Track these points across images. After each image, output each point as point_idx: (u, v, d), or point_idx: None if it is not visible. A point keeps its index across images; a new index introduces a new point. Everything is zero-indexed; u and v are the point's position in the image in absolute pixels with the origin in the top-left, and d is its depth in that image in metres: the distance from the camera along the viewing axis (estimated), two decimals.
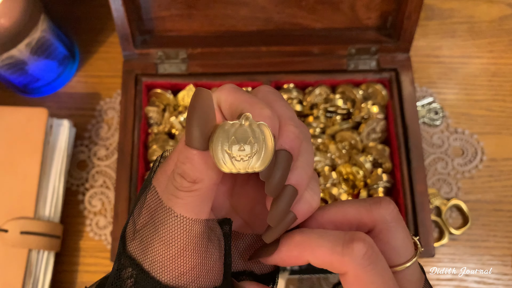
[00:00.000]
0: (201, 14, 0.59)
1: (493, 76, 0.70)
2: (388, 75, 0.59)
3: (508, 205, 0.64)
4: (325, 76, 0.60)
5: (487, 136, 0.67)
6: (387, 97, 0.58)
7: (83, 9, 0.73)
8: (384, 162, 0.56)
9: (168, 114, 0.60)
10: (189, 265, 0.24)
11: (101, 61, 0.70)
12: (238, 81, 0.59)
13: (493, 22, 0.72)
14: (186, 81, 0.60)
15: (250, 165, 0.23)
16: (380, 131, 0.57)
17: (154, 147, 0.57)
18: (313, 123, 0.59)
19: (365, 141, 0.57)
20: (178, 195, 0.24)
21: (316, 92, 0.58)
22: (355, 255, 0.24)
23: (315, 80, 0.59)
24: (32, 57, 0.61)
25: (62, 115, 0.66)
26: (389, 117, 0.57)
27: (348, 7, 0.58)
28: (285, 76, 0.59)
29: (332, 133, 0.58)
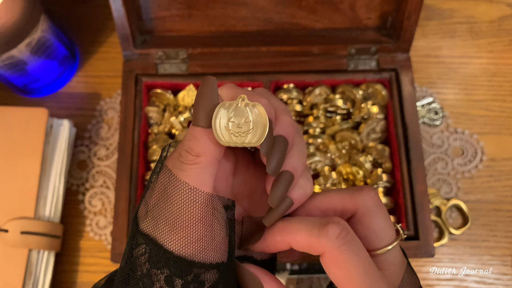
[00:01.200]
0: (201, 14, 0.59)
1: (493, 76, 0.70)
2: (388, 75, 0.59)
3: (508, 205, 0.64)
4: (325, 76, 0.59)
5: (487, 136, 0.67)
6: (387, 97, 0.57)
7: (84, 9, 0.73)
8: (384, 162, 0.56)
9: (168, 114, 0.60)
10: (196, 235, 0.26)
11: (101, 61, 0.70)
12: (238, 81, 0.59)
13: (493, 22, 0.73)
14: (186, 81, 0.60)
15: (247, 140, 0.26)
16: (380, 131, 0.57)
17: (154, 147, 0.57)
18: (313, 123, 0.59)
19: (365, 141, 0.57)
20: (183, 168, 0.27)
21: (316, 92, 0.58)
22: (330, 236, 0.26)
23: (315, 80, 0.59)
24: (32, 57, 0.61)
25: (62, 115, 0.66)
26: (389, 117, 0.57)
27: (348, 7, 0.58)
28: (285, 76, 0.59)
29: (332, 133, 0.58)
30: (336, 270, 0.27)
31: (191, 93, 0.60)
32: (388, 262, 0.29)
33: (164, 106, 0.61)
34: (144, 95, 0.60)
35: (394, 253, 0.29)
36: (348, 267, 0.26)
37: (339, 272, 0.27)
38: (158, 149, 0.57)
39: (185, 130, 0.59)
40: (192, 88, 0.60)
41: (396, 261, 0.29)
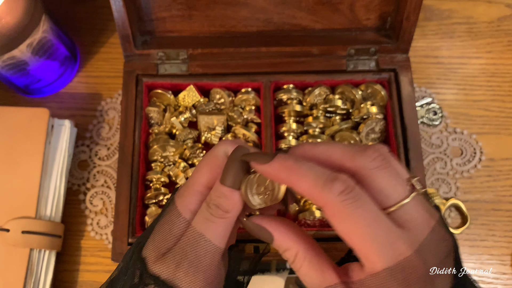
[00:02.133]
0: (202, 15, 0.60)
1: (492, 76, 0.70)
2: (387, 76, 0.59)
3: (506, 205, 0.64)
4: (324, 76, 0.60)
5: (486, 136, 0.67)
6: (386, 97, 0.57)
7: (84, 10, 0.73)
8: None
9: (168, 114, 0.59)
10: (210, 279, 0.31)
11: (102, 62, 0.71)
12: (238, 81, 0.59)
13: (492, 23, 0.73)
14: (186, 82, 0.60)
15: (269, 201, 0.31)
16: (379, 131, 0.57)
17: (155, 147, 0.57)
18: (313, 123, 0.59)
19: (364, 141, 0.57)
20: (213, 220, 0.31)
21: (316, 92, 0.58)
22: (333, 191, 0.26)
23: (314, 80, 0.59)
24: (33, 57, 0.61)
25: (63, 115, 0.67)
26: (388, 117, 0.57)
27: (347, 8, 0.58)
28: (285, 76, 0.59)
29: (331, 133, 0.58)
30: (337, 224, 0.27)
31: (191, 93, 0.60)
32: (404, 219, 0.27)
33: (165, 106, 0.61)
34: (145, 96, 0.60)
35: (410, 209, 0.27)
36: (349, 221, 0.26)
37: (341, 226, 0.27)
38: (159, 149, 0.57)
39: (185, 130, 0.59)
40: (192, 89, 0.60)
41: (414, 217, 0.27)
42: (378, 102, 0.58)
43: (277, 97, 0.59)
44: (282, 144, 0.57)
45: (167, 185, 0.58)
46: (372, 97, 0.59)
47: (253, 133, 0.57)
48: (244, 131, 0.57)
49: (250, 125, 0.59)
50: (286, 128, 0.58)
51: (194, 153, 0.58)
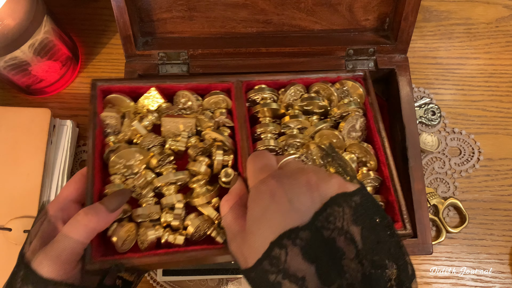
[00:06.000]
0: (202, 16, 0.60)
1: (490, 77, 0.71)
2: (362, 73, 0.55)
3: (504, 204, 0.65)
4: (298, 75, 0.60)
5: (484, 136, 0.68)
6: (364, 94, 0.55)
7: (86, 11, 0.74)
8: (369, 160, 0.53)
9: (128, 121, 0.52)
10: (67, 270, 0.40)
11: (104, 62, 0.71)
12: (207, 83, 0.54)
13: (490, 24, 0.73)
14: (148, 84, 0.53)
15: None
16: (360, 129, 0.54)
17: (114, 158, 0.49)
18: (290, 123, 0.54)
19: (347, 140, 0.54)
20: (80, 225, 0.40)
21: (291, 91, 0.55)
22: None
23: (288, 79, 0.55)
24: (35, 58, 0.61)
25: (65, 116, 0.67)
26: (368, 113, 0.55)
27: (346, 9, 0.59)
28: (256, 76, 0.55)
29: (312, 134, 0.55)
30: None
31: (154, 97, 0.53)
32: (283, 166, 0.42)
33: (123, 112, 0.53)
34: (99, 102, 0.52)
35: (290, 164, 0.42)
36: None
37: None
38: (117, 159, 0.49)
39: (149, 135, 0.51)
40: (154, 91, 0.53)
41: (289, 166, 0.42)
42: (356, 99, 0.55)
43: (249, 98, 0.55)
44: (261, 146, 0.52)
45: (129, 201, 0.47)
46: (348, 95, 0.56)
47: (226, 137, 0.52)
48: (216, 135, 0.52)
49: (223, 129, 0.53)
50: (263, 128, 0.53)
51: (163, 161, 0.50)
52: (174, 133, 0.53)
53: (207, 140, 0.52)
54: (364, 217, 0.35)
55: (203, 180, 0.49)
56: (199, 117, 0.53)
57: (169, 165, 0.50)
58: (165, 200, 0.47)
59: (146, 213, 0.46)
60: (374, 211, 0.35)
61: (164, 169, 0.50)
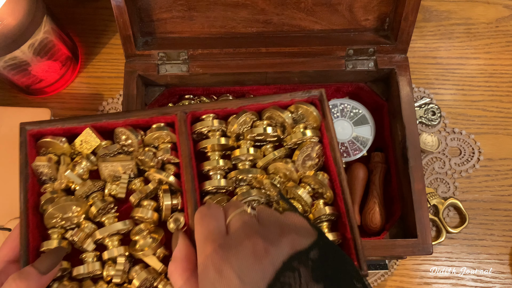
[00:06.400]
0: (202, 16, 0.60)
1: (490, 77, 0.71)
2: (318, 93, 0.51)
3: (504, 204, 0.65)
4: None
5: (484, 136, 0.68)
6: (320, 117, 0.50)
7: (86, 11, 0.74)
8: (325, 191, 0.49)
9: (64, 167, 0.47)
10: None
11: (103, 62, 0.71)
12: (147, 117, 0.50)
13: (490, 24, 0.73)
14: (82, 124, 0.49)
15: None
16: (316, 157, 0.50)
17: (51, 210, 0.45)
18: (241, 157, 0.50)
19: (301, 170, 0.50)
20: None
21: (240, 120, 0.50)
22: None
23: (237, 106, 0.51)
24: (35, 58, 0.61)
25: (65, 116, 0.67)
26: (324, 139, 0.50)
27: (346, 8, 0.59)
28: (203, 105, 0.50)
29: (264, 165, 0.51)
30: None
31: (89, 137, 0.49)
32: None
33: (58, 157, 0.49)
34: (30, 147, 0.48)
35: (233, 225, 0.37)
36: None
37: None
38: (54, 211, 0.45)
39: (86, 183, 0.48)
40: (89, 132, 0.49)
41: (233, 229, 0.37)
42: (311, 124, 0.51)
43: (195, 130, 0.50)
44: (208, 186, 0.49)
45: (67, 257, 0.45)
46: (304, 119, 0.51)
47: (171, 177, 0.48)
48: (160, 176, 0.48)
49: (168, 167, 0.50)
50: (211, 166, 0.50)
51: (103, 210, 0.47)
52: (115, 176, 0.49)
53: (153, 182, 0.49)
54: (325, 272, 0.31)
55: (146, 231, 0.45)
56: (140, 157, 0.49)
57: (111, 213, 0.47)
58: (107, 254, 0.45)
59: (86, 272, 0.44)
60: (337, 263, 0.32)
61: (105, 218, 0.47)
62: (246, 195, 0.48)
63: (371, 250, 0.53)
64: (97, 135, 0.49)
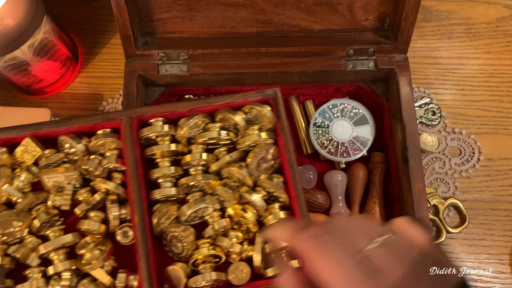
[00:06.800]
0: (202, 16, 0.60)
1: (490, 77, 0.71)
2: (272, 92, 0.50)
3: (505, 204, 0.65)
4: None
5: (484, 136, 0.68)
6: (274, 118, 0.48)
7: (86, 11, 0.74)
8: (280, 194, 0.48)
9: (2, 180, 0.46)
10: None
11: (103, 62, 0.71)
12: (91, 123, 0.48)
13: (490, 24, 0.73)
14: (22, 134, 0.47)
15: None
16: (272, 159, 0.49)
17: None
18: (193, 162, 0.48)
19: (255, 174, 0.48)
20: None
21: (191, 123, 0.47)
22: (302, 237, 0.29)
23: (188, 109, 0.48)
24: (35, 58, 0.61)
25: (65, 116, 0.67)
26: (279, 141, 0.48)
27: (346, 8, 0.59)
28: (150, 109, 0.48)
29: (217, 169, 0.49)
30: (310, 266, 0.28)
31: (30, 147, 0.47)
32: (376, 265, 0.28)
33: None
34: None
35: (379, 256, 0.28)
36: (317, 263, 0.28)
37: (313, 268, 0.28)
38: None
39: (27, 196, 0.46)
40: (29, 142, 0.47)
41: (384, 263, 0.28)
42: (266, 125, 0.49)
43: (143, 136, 0.48)
44: (158, 195, 0.47)
45: (12, 273, 0.44)
46: (258, 120, 0.49)
47: (117, 186, 0.46)
48: (106, 186, 0.46)
49: (115, 176, 0.48)
50: (160, 173, 0.47)
51: (48, 222, 0.45)
52: (59, 187, 0.47)
53: (99, 192, 0.47)
54: None
55: (92, 243, 0.44)
56: (83, 166, 0.47)
57: (56, 226, 0.45)
58: (53, 269, 0.43)
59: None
60: None
61: (51, 231, 0.45)
62: (199, 202, 0.47)
63: None
64: (39, 144, 0.47)
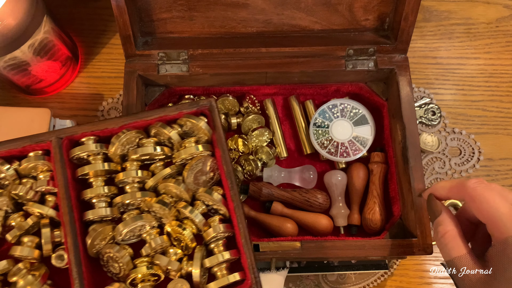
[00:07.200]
0: (202, 16, 0.60)
1: (490, 77, 0.71)
2: (207, 103, 0.49)
3: None
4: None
5: (484, 136, 0.68)
6: (209, 129, 0.48)
7: (86, 11, 0.74)
8: (220, 207, 0.48)
9: None
10: None
11: (104, 62, 0.71)
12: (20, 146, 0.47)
13: (490, 24, 0.73)
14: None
15: None
16: (211, 171, 0.48)
17: None
18: (127, 179, 0.47)
19: (193, 188, 0.48)
20: None
21: (123, 140, 0.46)
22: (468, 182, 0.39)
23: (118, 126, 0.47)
24: (35, 58, 0.61)
25: (65, 116, 0.67)
26: (217, 153, 0.48)
27: (346, 8, 0.59)
28: (80, 128, 0.47)
29: (153, 185, 0.48)
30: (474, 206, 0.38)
31: None
32: None
33: None
34: None
35: None
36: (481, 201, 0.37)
37: (477, 206, 0.38)
38: None
39: None
40: None
41: None
42: (202, 137, 0.49)
43: (74, 156, 0.47)
44: (91, 216, 0.46)
45: None
46: (194, 132, 0.49)
47: (49, 209, 0.45)
48: (38, 209, 0.45)
49: (48, 198, 0.47)
50: (94, 193, 0.46)
51: None
52: None
53: (32, 216, 0.46)
54: None
55: (25, 270, 0.43)
56: (13, 191, 0.46)
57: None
58: None
59: None
60: None
61: None
62: (135, 220, 0.46)
63: (371, 250, 0.53)
64: None
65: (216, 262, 0.46)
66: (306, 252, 0.52)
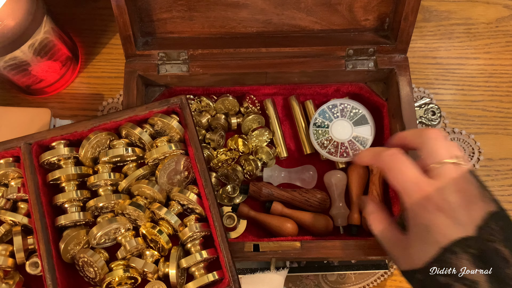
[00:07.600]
0: (202, 16, 0.60)
1: (490, 77, 0.71)
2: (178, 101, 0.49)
3: (505, 204, 0.64)
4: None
5: (484, 136, 0.68)
6: (181, 128, 0.47)
7: (86, 11, 0.74)
8: (195, 206, 0.47)
9: None
10: None
11: (104, 62, 0.71)
12: None
13: (490, 24, 0.73)
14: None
15: None
16: (185, 169, 0.48)
17: None
18: (99, 182, 0.47)
19: (167, 188, 0.47)
20: None
21: (92, 142, 0.46)
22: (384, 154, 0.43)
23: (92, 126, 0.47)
24: (35, 58, 0.61)
25: (65, 116, 0.67)
26: (189, 151, 0.48)
27: (346, 9, 0.59)
28: (48, 133, 0.46)
29: (126, 187, 0.48)
30: (387, 174, 0.42)
31: None
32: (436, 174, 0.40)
33: None
34: None
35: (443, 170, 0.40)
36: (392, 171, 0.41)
37: (388, 175, 0.42)
38: None
39: None
40: None
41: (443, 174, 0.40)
42: (174, 136, 0.48)
43: (44, 161, 0.46)
44: (63, 221, 0.45)
45: None
46: (166, 131, 0.48)
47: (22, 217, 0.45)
48: (11, 217, 0.45)
49: (20, 206, 0.47)
50: (66, 198, 0.46)
51: None
52: None
53: (4, 224, 0.46)
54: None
55: None
56: None
57: None
58: None
59: None
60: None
61: None
62: (109, 223, 0.46)
63: (371, 250, 0.53)
64: None
65: (193, 261, 0.46)
66: (306, 252, 0.53)
